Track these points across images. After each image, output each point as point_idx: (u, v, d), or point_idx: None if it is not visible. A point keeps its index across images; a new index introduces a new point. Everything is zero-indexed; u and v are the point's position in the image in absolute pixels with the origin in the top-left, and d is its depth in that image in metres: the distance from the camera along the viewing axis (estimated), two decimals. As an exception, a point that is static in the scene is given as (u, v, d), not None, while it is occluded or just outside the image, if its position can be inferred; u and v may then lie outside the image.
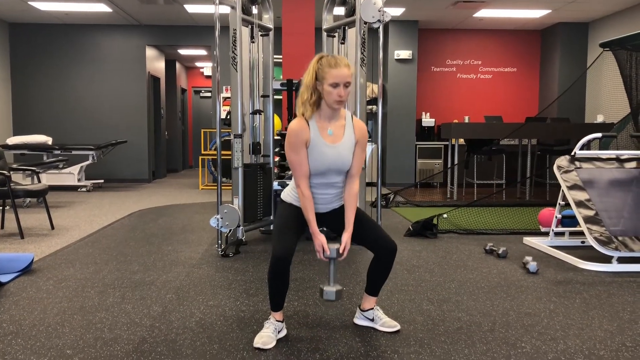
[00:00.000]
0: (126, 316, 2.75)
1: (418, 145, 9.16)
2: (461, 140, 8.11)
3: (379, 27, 4.20)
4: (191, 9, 8.18)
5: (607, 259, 3.80)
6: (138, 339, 2.45)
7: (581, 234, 4.25)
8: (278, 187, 4.76)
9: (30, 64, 9.41)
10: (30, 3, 7.88)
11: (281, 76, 5.34)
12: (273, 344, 2.37)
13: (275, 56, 4.99)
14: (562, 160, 4.36)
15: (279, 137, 4.99)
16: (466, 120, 8.77)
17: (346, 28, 4.64)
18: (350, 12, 4.61)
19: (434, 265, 3.86)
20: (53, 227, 5.19)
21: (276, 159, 5.03)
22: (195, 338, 2.47)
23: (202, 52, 11.59)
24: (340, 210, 2.52)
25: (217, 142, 4.14)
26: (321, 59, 2.37)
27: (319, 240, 2.38)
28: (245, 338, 2.46)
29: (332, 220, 2.54)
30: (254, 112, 4.60)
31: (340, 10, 4.95)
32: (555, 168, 4.33)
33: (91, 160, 8.42)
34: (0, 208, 5.22)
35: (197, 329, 2.58)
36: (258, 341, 2.36)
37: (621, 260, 3.78)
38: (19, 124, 9.43)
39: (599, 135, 4.51)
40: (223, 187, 4.56)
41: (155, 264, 3.85)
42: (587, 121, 8.82)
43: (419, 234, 4.87)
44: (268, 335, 2.39)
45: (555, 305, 2.97)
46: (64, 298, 3.04)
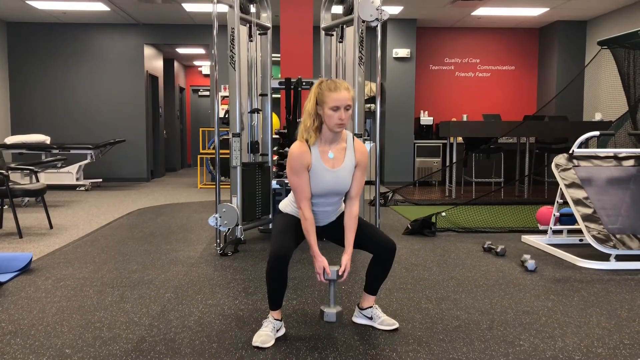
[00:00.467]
0: (125, 315, 2.75)
1: (416, 144, 9.16)
2: (459, 139, 8.12)
3: (377, 26, 4.20)
4: (189, 7, 8.17)
5: (605, 257, 3.81)
6: (137, 338, 2.45)
7: (579, 232, 4.25)
8: (277, 186, 4.76)
9: (28, 63, 9.40)
10: (27, 2, 7.86)
11: (279, 75, 5.34)
12: (272, 342, 2.37)
13: (273, 55, 4.99)
14: (560, 159, 4.36)
15: (277, 136, 4.99)
16: (464, 119, 8.77)
17: (344, 27, 4.64)
18: (349, 11, 4.61)
19: (432, 263, 3.86)
20: (51, 227, 5.18)
21: (274, 157, 5.02)
22: (194, 337, 2.47)
23: (200, 51, 11.58)
24: (338, 221, 2.54)
25: (216, 141, 4.14)
26: (321, 83, 2.38)
27: (320, 262, 2.39)
28: (244, 337, 2.47)
29: (331, 231, 2.57)
30: (252, 111, 4.60)
31: (338, 9, 4.95)
32: (553, 166, 4.33)
33: (89, 159, 8.41)
34: (-1, 207, 5.22)
35: (196, 328, 2.58)
36: (257, 340, 2.37)
37: (619, 258, 3.79)
38: (17, 123, 9.42)
39: (597, 133, 4.51)
40: (222, 186, 4.56)
41: (154, 263, 3.85)
42: (585, 119, 8.83)
43: (417, 232, 4.88)
44: (267, 334, 2.39)
45: (554, 303, 2.98)
46: (63, 297, 3.04)
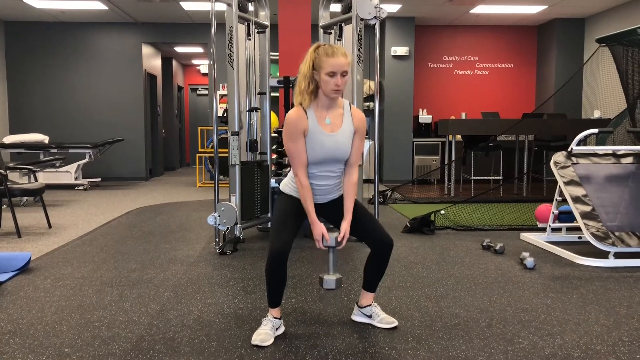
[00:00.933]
0: (124, 314, 2.75)
1: (415, 142, 9.16)
2: (458, 137, 8.11)
3: (375, 24, 4.19)
4: (187, 6, 8.16)
5: (604, 255, 3.81)
6: (136, 337, 2.45)
7: (578, 229, 4.26)
8: (275, 185, 4.76)
9: (26, 63, 9.38)
10: (25, 1, 7.84)
11: (278, 73, 5.33)
12: (271, 341, 2.37)
13: (271, 53, 4.99)
14: (559, 156, 4.37)
15: (276, 135, 4.99)
16: (463, 117, 8.76)
17: (343, 25, 4.64)
18: (347, 9, 4.61)
19: (431, 261, 3.87)
20: (50, 226, 5.18)
21: (273, 156, 5.02)
22: (194, 336, 2.47)
23: (199, 50, 11.57)
24: (338, 201, 2.52)
25: (214, 140, 4.14)
26: (318, 48, 2.34)
27: (319, 229, 2.38)
28: (243, 335, 2.47)
29: (331, 211, 2.53)
30: (251, 110, 4.60)
31: (336, 7, 4.94)
32: (552, 164, 4.34)
33: (88, 158, 8.40)
34: (-3, 207, 5.21)
35: (195, 327, 2.58)
36: (256, 338, 2.37)
37: (618, 255, 3.79)
38: (16, 123, 9.40)
39: (596, 131, 4.51)
40: (220, 185, 4.55)
41: (153, 262, 3.85)
42: (584, 117, 8.83)
43: (416, 230, 4.87)
44: (266, 332, 2.39)
45: (553, 300, 2.98)
46: (62, 297, 3.04)
